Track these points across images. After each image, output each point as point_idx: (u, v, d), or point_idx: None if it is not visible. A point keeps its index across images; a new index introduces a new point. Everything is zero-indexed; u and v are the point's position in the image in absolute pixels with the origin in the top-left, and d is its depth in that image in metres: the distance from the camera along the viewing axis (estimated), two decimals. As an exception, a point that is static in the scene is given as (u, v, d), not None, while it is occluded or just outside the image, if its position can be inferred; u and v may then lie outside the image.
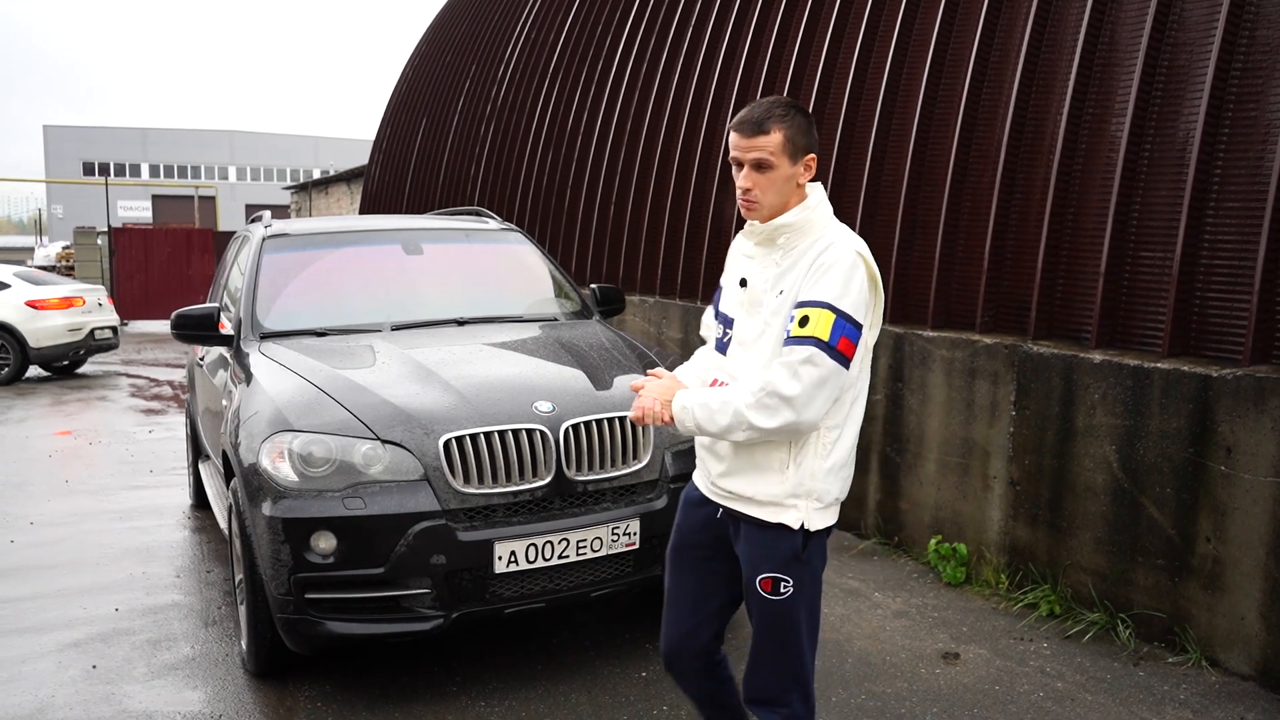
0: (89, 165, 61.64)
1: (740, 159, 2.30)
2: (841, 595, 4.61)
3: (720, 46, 7.48)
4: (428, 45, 16.39)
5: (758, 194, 2.31)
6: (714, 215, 7.11)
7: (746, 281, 2.39)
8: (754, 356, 2.34)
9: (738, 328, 2.40)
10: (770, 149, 2.27)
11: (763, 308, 2.34)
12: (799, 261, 2.31)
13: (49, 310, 12.49)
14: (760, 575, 2.34)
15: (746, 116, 2.29)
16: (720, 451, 2.41)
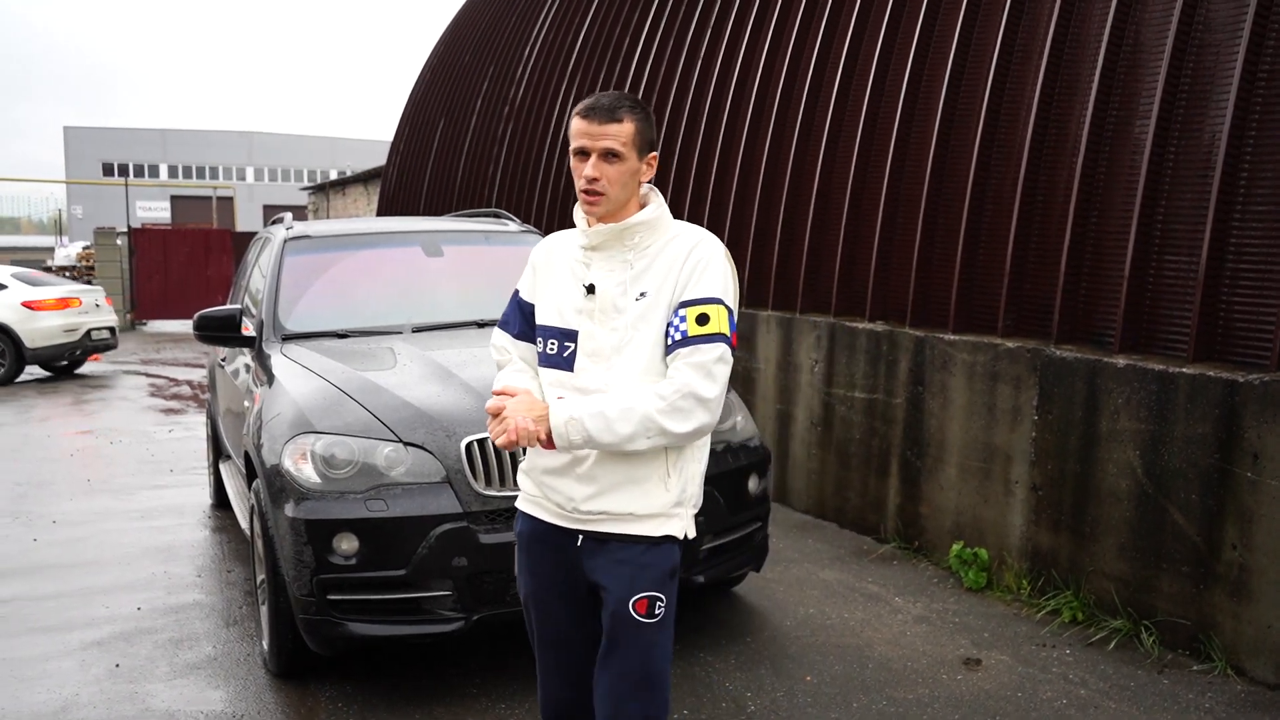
0: (108, 166, 62.08)
1: (588, 147, 2.14)
2: (861, 600, 4.59)
3: (739, 47, 7.46)
4: (445, 46, 16.44)
5: (604, 185, 2.15)
6: (733, 216, 7.10)
7: (594, 288, 2.21)
8: (625, 365, 2.17)
9: (585, 339, 2.20)
10: (622, 139, 2.14)
11: (622, 314, 2.19)
12: (657, 260, 2.20)
13: (45, 311, 12.61)
14: (636, 597, 2.19)
15: (596, 104, 2.15)
16: (586, 473, 2.20)
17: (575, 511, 2.24)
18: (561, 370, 2.24)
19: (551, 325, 2.27)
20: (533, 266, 2.38)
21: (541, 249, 2.38)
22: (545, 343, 2.28)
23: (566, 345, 2.23)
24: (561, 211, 10.08)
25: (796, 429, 6.20)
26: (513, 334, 2.39)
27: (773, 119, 6.82)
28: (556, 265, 2.30)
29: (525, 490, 2.37)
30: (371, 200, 24.68)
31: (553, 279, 2.30)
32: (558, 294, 2.28)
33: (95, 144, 62.72)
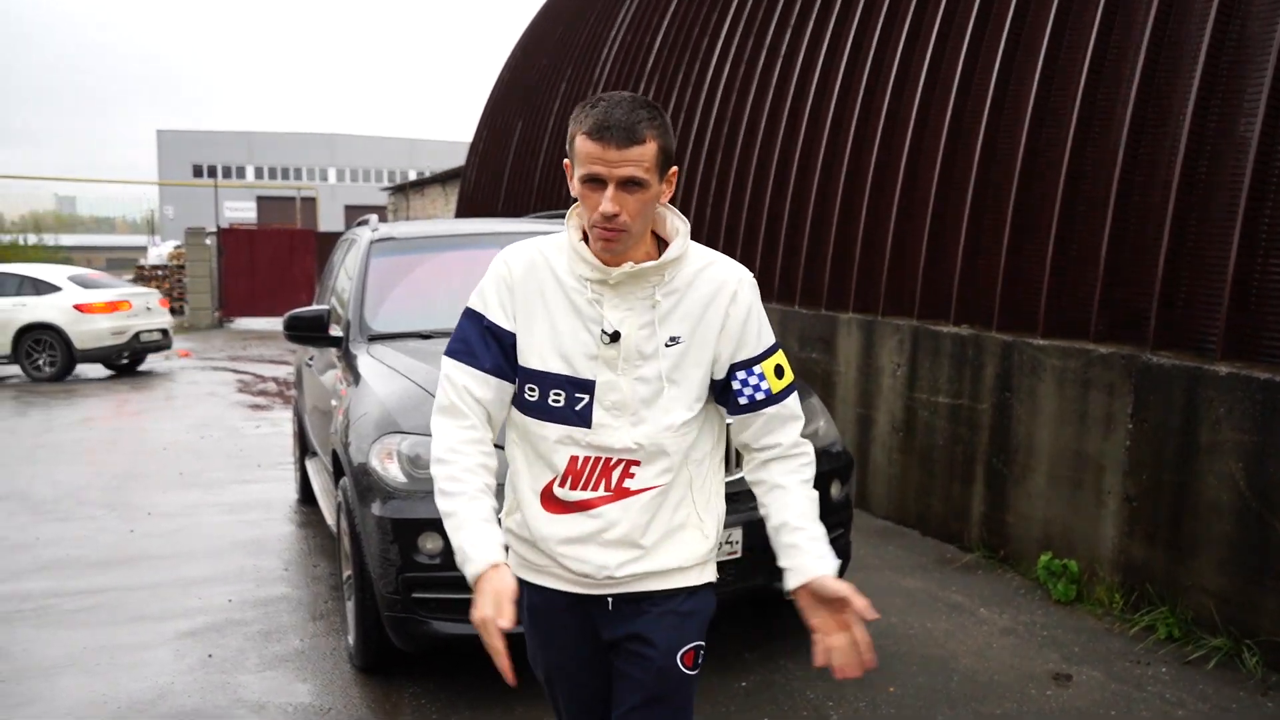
0: (198, 168, 64.12)
1: (604, 175, 1.78)
2: (945, 610, 4.50)
3: (820, 48, 7.38)
4: (524, 48, 16.59)
5: (625, 220, 1.80)
6: (814, 217, 7.02)
7: (619, 336, 1.88)
8: (657, 419, 1.91)
9: (605, 391, 1.89)
10: (645, 164, 1.78)
11: (648, 361, 1.90)
12: (685, 298, 1.92)
13: (94, 314, 13.19)
14: (684, 650, 2.00)
15: (609, 120, 1.77)
16: (618, 538, 1.95)
17: (608, 579, 1.96)
18: (572, 426, 1.90)
19: (554, 373, 1.90)
20: (504, 284, 1.92)
21: (515, 262, 1.93)
22: (545, 392, 1.90)
23: (579, 398, 1.89)
24: (638, 212, 10.10)
25: (877, 433, 6.10)
26: (484, 368, 1.91)
27: (855, 117, 6.72)
28: (548, 293, 1.90)
29: (526, 559, 2.01)
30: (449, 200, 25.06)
31: (544, 310, 1.90)
32: (558, 334, 1.90)
33: (186, 147, 64.83)
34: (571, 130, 1.83)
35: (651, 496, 1.95)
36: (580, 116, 1.81)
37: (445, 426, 1.94)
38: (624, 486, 1.93)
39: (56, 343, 13.13)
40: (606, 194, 1.78)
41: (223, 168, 63.94)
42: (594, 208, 1.81)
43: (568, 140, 1.86)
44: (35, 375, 13.20)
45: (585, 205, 1.83)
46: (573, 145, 1.83)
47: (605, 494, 1.93)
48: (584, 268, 1.88)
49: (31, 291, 13.36)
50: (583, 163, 1.79)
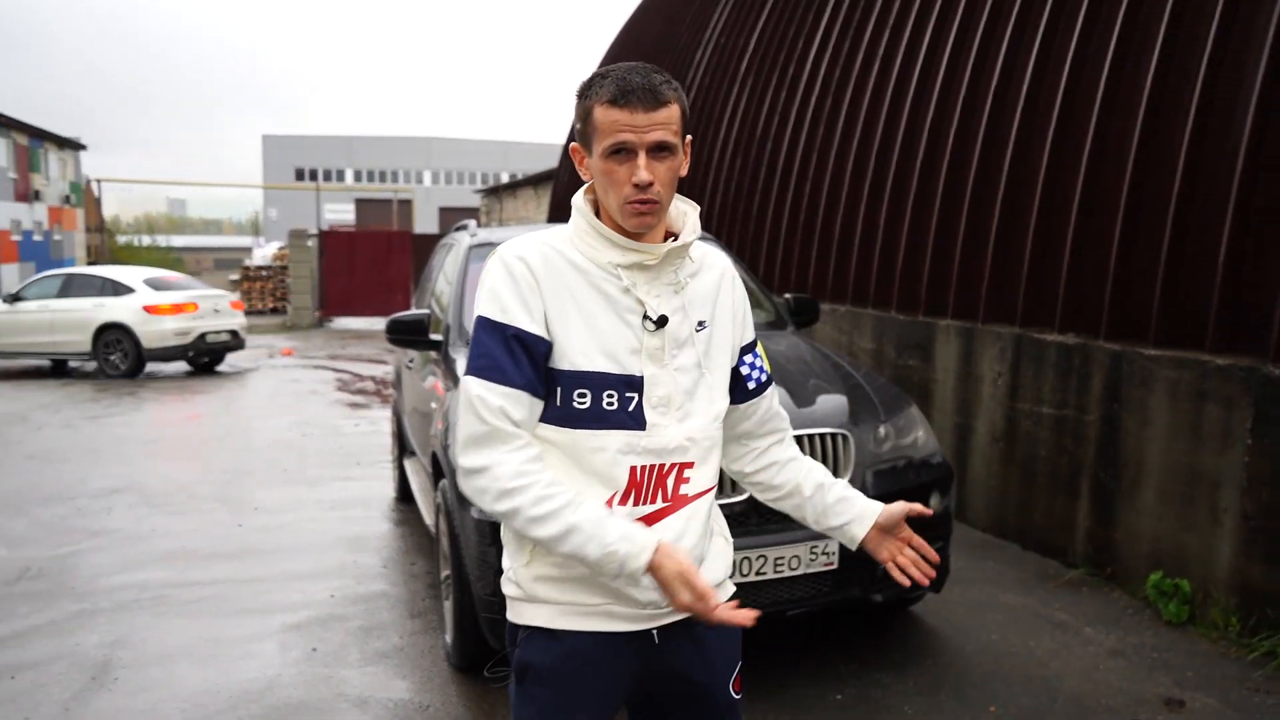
0: (300, 171, 66.21)
1: (632, 143, 1.65)
2: (1048, 628, 4.37)
3: (920, 48, 7.25)
4: (618, 50, 16.68)
5: (658, 190, 1.68)
6: (912, 220, 6.89)
7: (666, 320, 1.75)
8: (700, 412, 1.79)
9: (652, 386, 1.74)
10: (674, 126, 1.68)
11: (683, 349, 1.78)
12: (699, 281, 1.83)
13: (160, 315, 13.89)
14: (734, 675, 1.90)
15: (629, 85, 1.65)
16: (701, 552, 1.82)
17: (659, 607, 1.77)
18: (628, 430, 1.72)
19: (602, 372, 1.72)
20: (525, 283, 1.72)
21: (531, 257, 1.74)
22: (598, 396, 1.72)
23: (630, 397, 1.73)
24: (730, 215, 10.07)
25: (976, 444, 5.96)
26: (517, 384, 1.69)
27: (956, 117, 6.58)
28: (575, 287, 1.74)
29: (572, 603, 1.77)
30: (541, 202, 25.36)
31: (575, 306, 1.73)
32: (597, 329, 1.73)
33: (289, 151, 67.02)
34: (586, 105, 1.70)
35: (708, 501, 1.82)
36: (593, 89, 1.69)
37: (494, 456, 1.68)
38: (681, 494, 1.78)
39: (127, 342, 13.88)
40: (639, 162, 1.66)
41: (323, 171, 65.91)
42: (624, 181, 1.67)
43: (579, 119, 1.72)
44: (110, 372, 13.93)
45: (611, 181, 1.68)
46: (588, 121, 1.69)
47: (664, 504, 1.76)
48: (614, 252, 1.74)
49: (110, 293, 14.18)
50: (607, 133, 1.66)
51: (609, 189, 1.70)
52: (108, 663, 4.10)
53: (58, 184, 40.13)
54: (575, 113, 1.73)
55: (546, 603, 1.78)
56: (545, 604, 1.78)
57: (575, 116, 1.73)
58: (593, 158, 1.72)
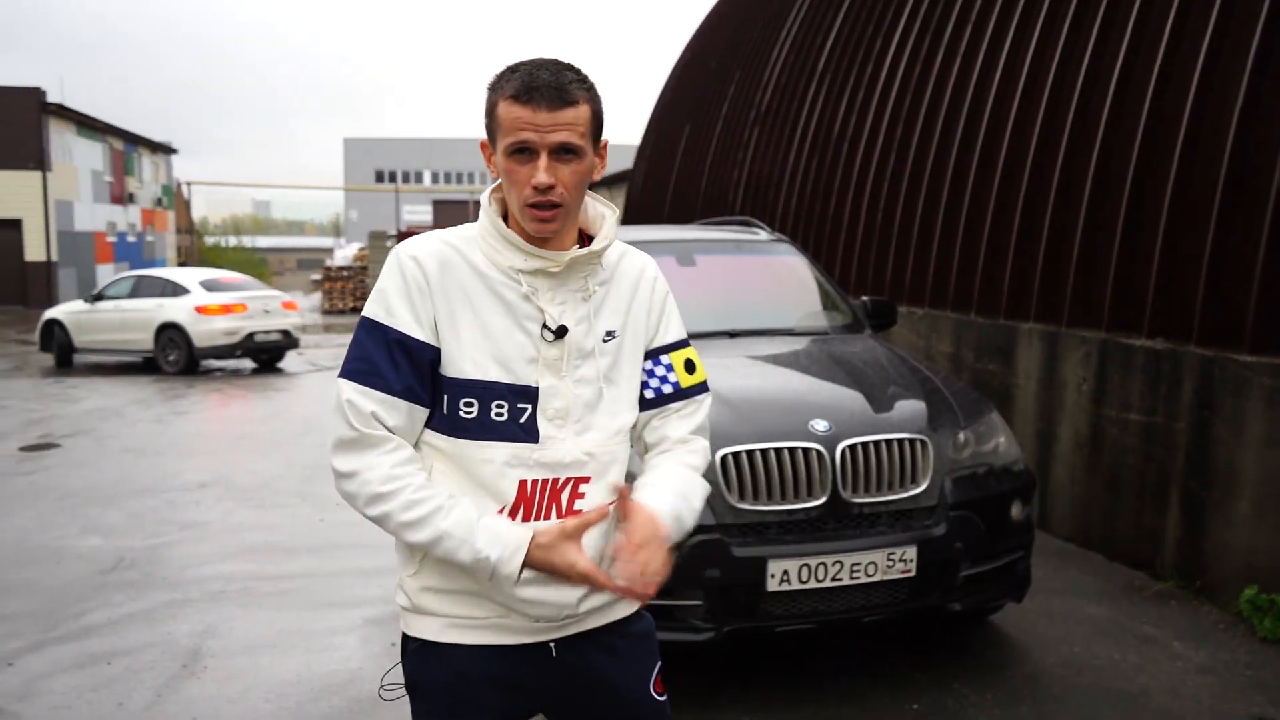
0: (380, 173, 67.60)
1: (533, 143, 1.58)
2: (1134, 642, 4.24)
3: (1003, 45, 7.10)
4: (692, 52, 16.68)
5: (561, 193, 1.60)
6: (994, 220, 6.76)
7: (565, 330, 1.68)
8: (602, 425, 1.72)
9: (549, 397, 1.67)
10: (580, 128, 1.60)
11: (587, 360, 1.70)
12: (614, 286, 1.75)
13: (210, 315, 14.38)
14: (654, 676, 1.85)
15: (536, 81, 1.58)
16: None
17: (567, 618, 1.73)
18: (518, 442, 1.65)
19: (495, 381, 1.65)
20: (415, 285, 1.65)
21: (425, 257, 1.66)
22: (486, 406, 1.65)
23: (522, 408, 1.66)
24: (807, 217, 9.99)
25: (1059, 450, 5.82)
26: (394, 390, 1.63)
27: (1040, 117, 6.43)
28: (470, 289, 1.66)
29: (459, 616, 1.71)
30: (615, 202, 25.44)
31: (469, 310, 1.66)
32: (491, 336, 1.66)
33: (369, 153, 68.46)
34: (491, 100, 1.63)
35: (606, 519, 1.71)
36: (500, 83, 1.62)
37: (364, 460, 1.62)
38: (575, 509, 1.69)
39: (181, 341, 14.42)
40: (539, 163, 1.59)
41: (402, 173, 67.15)
42: (524, 182, 1.60)
43: (485, 112, 1.65)
44: (167, 369, 14.53)
45: (512, 181, 1.62)
46: (493, 116, 1.62)
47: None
48: (515, 256, 1.66)
49: (170, 294, 14.79)
50: (508, 131, 1.59)
51: (510, 189, 1.64)
52: (198, 651, 4.24)
53: (150, 187, 41.62)
54: (484, 109, 1.66)
55: (434, 615, 1.72)
56: (432, 616, 1.72)
57: (485, 112, 1.66)
58: (496, 155, 1.65)
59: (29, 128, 30.56)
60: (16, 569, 5.37)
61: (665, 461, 1.81)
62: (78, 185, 33.38)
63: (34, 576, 5.24)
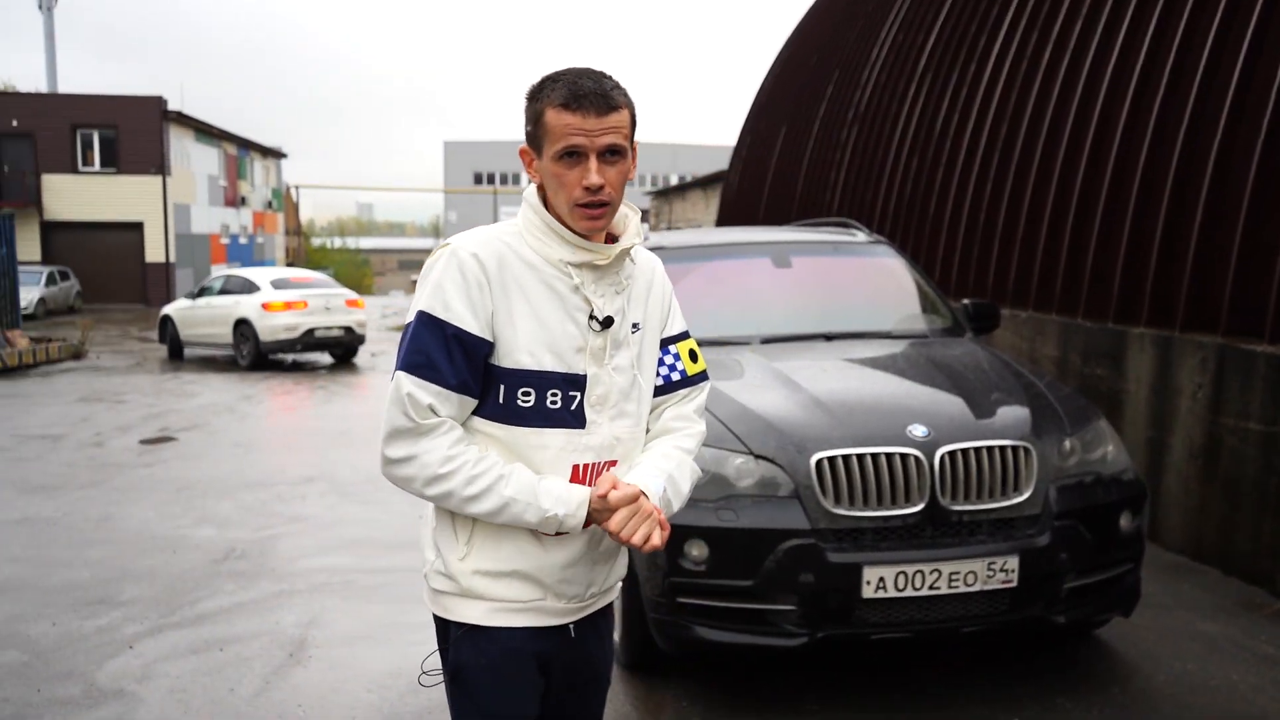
0: (479, 175, 68.90)
1: (584, 147, 1.67)
2: (1253, 661, 4.05)
3: (1114, 41, 6.85)
4: (790, 51, 16.54)
5: (609, 193, 1.70)
6: (1104, 218, 6.53)
7: (612, 321, 1.78)
8: (633, 412, 1.84)
9: (593, 384, 1.77)
10: (624, 130, 1.71)
11: (620, 350, 1.81)
12: (636, 282, 1.86)
13: (274, 312, 15.12)
14: (611, 658, 2.04)
15: (581, 89, 1.67)
16: (606, 549, 1.88)
17: (591, 597, 1.90)
18: (569, 429, 1.76)
19: (550, 371, 1.74)
20: (475, 280, 1.72)
21: (484, 252, 1.74)
22: (542, 394, 1.74)
23: (573, 396, 1.76)
24: (906, 217, 9.81)
25: (1171, 460, 5.58)
26: (450, 385, 1.70)
27: (1154, 114, 6.19)
28: (526, 282, 1.74)
29: (508, 600, 1.80)
30: (710, 204, 25.43)
31: (525, 302, 1.74)
32: (545, 326, 1.74)
33: (468, 156, 69.82)
34: (536, 109, 1.72)
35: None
36: (544, 93, 1.71)
37: (419, 445, 1.71)
38: None
39: (250, 334, 15.24)
40: (590, 165, 1.68)
41: (500, 175, 68.27)
42: (574, 184, 1.69)
43: (529, 120, 1.74)
44: (240, 362, 15.43)
45: (561, 184, 1.71)
46: (539, 123, 1.71)
47: None
48: (565, 249, 1.76)
49: (245, 291, 15.62)
50: (559, 137, 1.69)
51: (559, 191, 1.72)
52: (303, 641, 4.39)
53: (261, 190, 43.24)
54: (525, 115, 1.75)
55: (482, 599, 1.79)
56: (481, 600, 1.79)
57: (525, 119, 1.75)
58: (542, 160, 1.73)
59: (151, 134, 32.11)
60: (139, 556, 5.65)
61: (661, 443, 1.92)
62: (195, 189, 34.89)
63: (154, 564, 5.50)
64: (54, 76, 35.81)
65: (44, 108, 32.12)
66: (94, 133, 32.11)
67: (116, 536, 6.05)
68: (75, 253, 31.63)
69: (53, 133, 31.57)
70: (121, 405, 11.51)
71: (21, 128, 31.47)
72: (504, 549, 1.78)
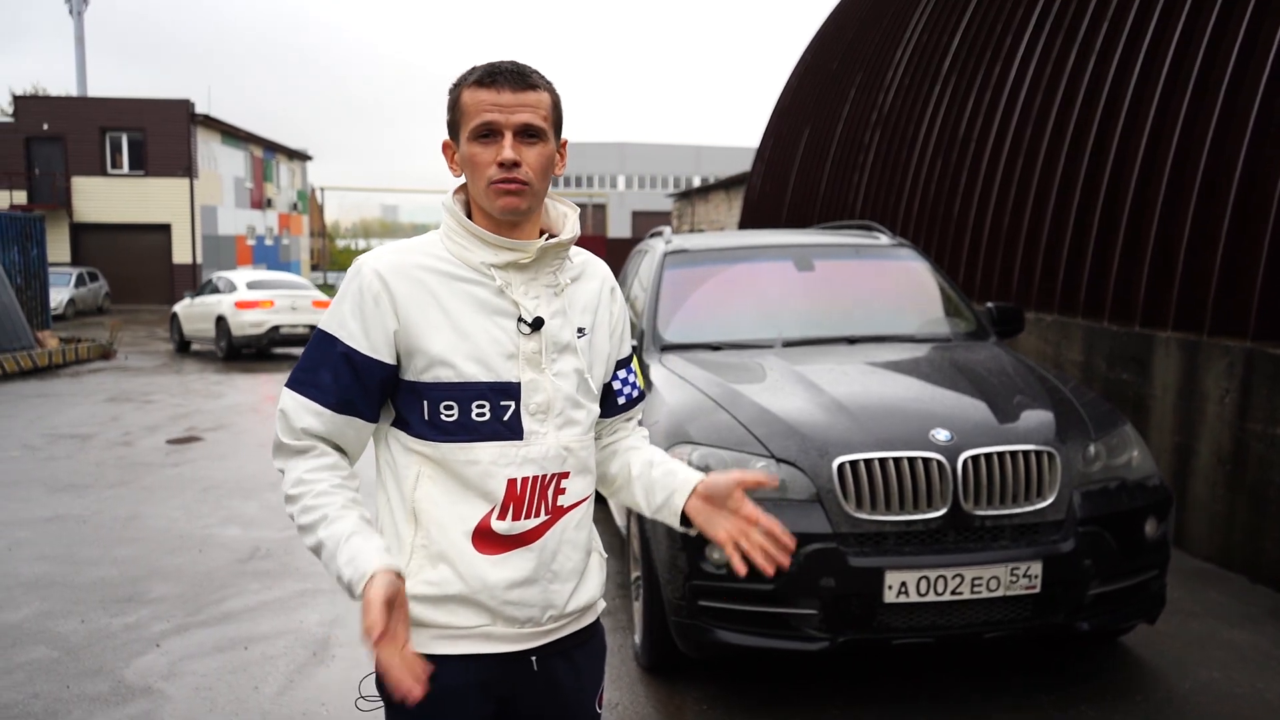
0: (502, 177, 69.07)
1: (498, 123, 1.60)
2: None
3: (1140, 44, 6.79)
4: (813, 54, 16.50)
5: (528, 173, 1.61)
6: (1129, 221, 6.48)
7: (541, 322, 1.68)
8: (581, 420, 1.74)
9: (530, 392, 1.66)
10: (542, 111, 1.63)
11: (564, 354, 1.71)
12: (580, 286, 1.77)
13: (244, 310, 16.72)
14: (599, 692, 1.86)
15: (497, 68, 1.62)
16: (564, 565, 1.72)
17: (551, 621, 1.73)
18: (504, 441, 1.65)
19: (474, 381, 1.63)
20: (373, 298, 1.63)
21: (386, 268, 1.65)
22: (466, 407, 1.64)
23: (505, 405, 1.65)
24: (929, 220, 9.77)
25: (1198, 465, 5.53)
26: (328, 403, 1.63)
27: (1181, 117, 6.13)
28: (440, 293, 1.64)
29: (449, 626, 1.67)
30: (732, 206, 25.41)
31: (440, 314, 1.64)
32: (466, 335, 1.64)
33: (492, 158, 69.99)
34: (454, 94, 1.66)
35: (583, 512, 1.75)
36: (462, 78, 1.67)
37: (289, 464, 1.67)
38: (558, 505, 1.70)
39: (225, 330, 16.83)
40: (504, 142, 1.60)
41: (523, 177, 68.43)
42: (489, 162, 1.61)
43: (448, 109, 1.68)
44: (219, 355, 17.11)
45: (476, 165, 1.62)
46: (456, 106, 1.65)
47: (546, 517, 1.69)
48: (485, 251, 1.66)
49: (228, 290, 17.29)
50: (472, 115, 1.61)
51: (475, 174, 1.64)
52: (326, 640, 4.43)
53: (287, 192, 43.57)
54: (447, 107, 1.68)
55: (422, 625, 1.66)
56: (421, 627, 1.66)
57: (447, 110, 1.69)
58: (460, 147, 1.66)
59: (179, 137, 32.44)
60: (167, 555, 5.71)
61: (649, 451, 1.91)
62: (221, 191, 35.21)
63: (181, 563, 5.56)
64: (84, 80, 36.28)
65: (74, 111, 32.54)
66: (123, 135, 32.50)
67: (144, 535, 6.13)
68: (104, 254, 32.04)
69: (82, 136, 31.99)
70: (149, 405, 11.64)
71: (52, 131, 31.91)
72: (440, 570, 1.66)
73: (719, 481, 1.73)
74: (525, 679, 1.73)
